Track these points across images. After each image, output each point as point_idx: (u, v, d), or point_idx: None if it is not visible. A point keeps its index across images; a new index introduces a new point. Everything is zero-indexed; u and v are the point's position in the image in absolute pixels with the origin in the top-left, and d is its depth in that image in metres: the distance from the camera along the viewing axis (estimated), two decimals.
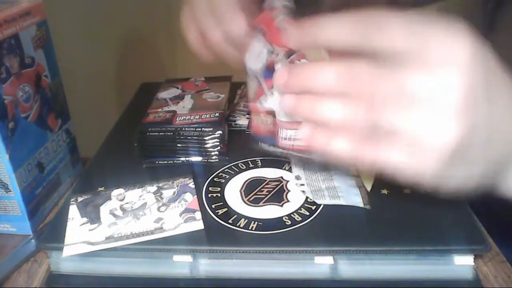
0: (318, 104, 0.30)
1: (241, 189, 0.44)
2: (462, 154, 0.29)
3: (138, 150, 0.49)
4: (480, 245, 0.36)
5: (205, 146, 0.48)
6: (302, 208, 0.40)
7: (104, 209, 0.41)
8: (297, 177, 0.45)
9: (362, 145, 0.30)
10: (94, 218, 0.40)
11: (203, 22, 0.44)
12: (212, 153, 0.48)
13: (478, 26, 0.29)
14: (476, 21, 0.32)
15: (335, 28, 0.29)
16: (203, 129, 0.48)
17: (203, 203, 0.42)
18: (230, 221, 0.39)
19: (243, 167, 0.47)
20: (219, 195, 0.43)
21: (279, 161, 0.48)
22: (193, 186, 0.44)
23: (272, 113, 0.35)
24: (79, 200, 0.42)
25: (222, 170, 0.47)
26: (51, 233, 0.39)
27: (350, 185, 0.43)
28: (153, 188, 0.43)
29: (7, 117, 0.42)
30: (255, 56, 0.35)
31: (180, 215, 0.40)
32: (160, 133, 0.48)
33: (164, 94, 0.56)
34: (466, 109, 0.28)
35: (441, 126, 0.28)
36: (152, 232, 0.38)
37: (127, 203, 0.42)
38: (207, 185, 0.45)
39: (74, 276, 0.39)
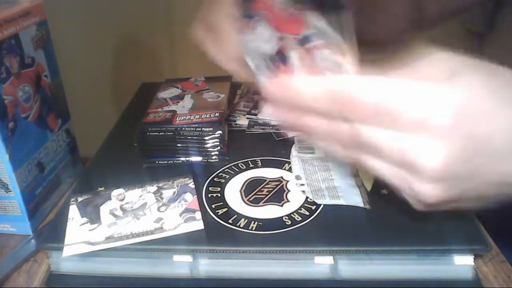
0: (303, 119, 0.30)
1: (241, 189, 0.44)
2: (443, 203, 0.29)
3: (138, 150, 0.49)
4: (480, 245, 0.36)
5: (205, 146, 0.48)
6: (302, 208, 0.40)
7: (104, 209, 0.41)
8: (297, 177, 0.45)
9: (349, 152, 0.30)
10: (94, 218, 0.40)
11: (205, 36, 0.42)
12: (212, 153, 0.48)
13: (478, 27, 0.29)
14: (476, 21, 0.31)
15: (310, 99, 0.29)
16: (203, 129, 0.48)
17: (203, 203, 0.42)
18: (230, 221, 0.39)
19: (243, 167, 0.47)
20: (219, 195, 0.43)
21: (279, 161, 0.48)
22: (193, 186, 0.44)
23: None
24: (79, 200, 0.42)
25: (222, 170, 0.47)
26: (51, 233, 0.39)
27: (350, 185, 0.43)
28: (153, 188, 0.43)
29: (7, 117, 0.42)
30: (263, 41, 0.35)
31: (180, 215, 0.40)
32: (160, 133, 0.48)
33: (164, 94, 0.56)
34: (442, 177, 0.27)
35: (417, 191, 0.28)
36: (152, 232, 0.38)
37: (127, 203, 0.42)
38: (207, 185, 0.45)
39: (74, 276, 0.39)
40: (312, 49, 0.33)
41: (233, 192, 0.43)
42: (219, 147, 0.48)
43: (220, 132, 0.48)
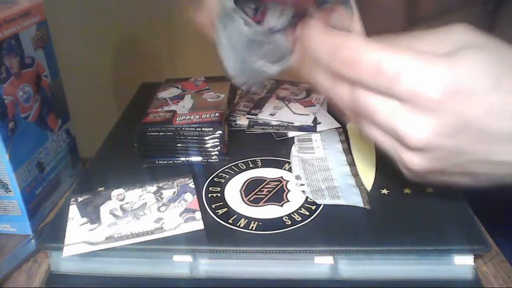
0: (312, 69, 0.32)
1: (241, 189, 0.44)
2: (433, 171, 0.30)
3: (138, 150, 0.49)
4: (480, 245, 0.36)
5: (205, 146, 0.48)
6: (302, 208, 0.40)
7: (104, 209, 0.41)
8: (297, 177, 0.45)
9: (348, 111, 0.32)
10: (94, 218, 0.40)
11: None
12: (212, 153, 0.48)
13: (478, 26, 0.29)
14: (476, 21, 0.31)
15: (314, 49, 0.31)
16: (203, 129, 0.48)
17: (203, 203, 0.42)
18: (230, 221, 0.39)
19: (243, 167, 0.47)
20: (219, 195, 0.43)
21: (279, 161, 0.48)
22: (193, 186, 0.44)
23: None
24: (79, 200, 0.42)
25: (222, 170, 0.47)
26: (51, 233, 0.39)
27: (350, 185, 0.43)
28: (153, 188, 0.43)
29: (7, 117, 0.42)
30: (277, 15, 0.36)
31: (180, 215, 0.40)
32: (160, 133, 0.48)
33: (164, 94, 0.56)
34: (426, 149, 0.28)
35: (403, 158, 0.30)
36: (152, 232, 0.38)
37: (127, 203, 0.42)
38: (207, 185, 0.45)
39: (74, 276, 0.39)
40: (328, 10, 0.34)
41: (233, 192, 0.43)
42: (219, 147, 0.48)
43: (220, 132, 0.48)
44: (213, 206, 0.41)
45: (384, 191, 0.42)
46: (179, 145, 0.48)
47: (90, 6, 0.94)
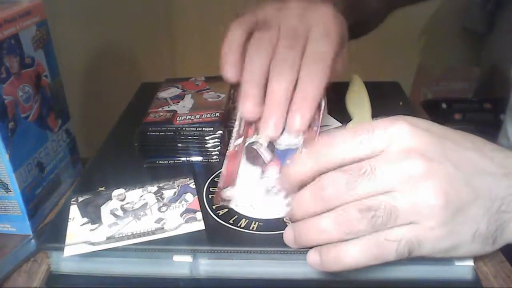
0: (312, 226, 0.33)
1: None
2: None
3: (138, 150, 0.49)
4: None
5: (206, 146, 0.48)
6: None
7: (105, 209, 0.41)
8: None
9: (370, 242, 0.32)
10: (94, 218, 0.40)
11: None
12: (213, 153, 0.48)
13: (478, 27, 0.30)
14: (476, 21, 0.32)
15: (302, 167, 0.34)
16: (203, 129, 0.48)
17: (204, 204, 0.42)
18: (231, 221, 0.39)
19: None
20: None
21: None
22: (194, 186, 0.44)
23: None
24: (79, 200, 0.42)
25: None
26: (52, 233, 0.39)
27: None
28: (154, 188, 0.43)
29: (7, 117, 0.42)
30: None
31: (181, 215, 0.40)
32: (161, 133, 0.48)
33: (164, 94, 0.56)
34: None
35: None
36: (153, 233, 0.38)
37: (127, 203, 0.42)
38: (208, 185, 0.45)
39: (74, 276, 0.39)
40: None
41: None
42: (219, 147, 0.48)
43: (220, 132, 0.48)
44: (214, 206, 0.41)
45: None
46: (180, 145, 0.48)
47: (90, 6, 0.94)
